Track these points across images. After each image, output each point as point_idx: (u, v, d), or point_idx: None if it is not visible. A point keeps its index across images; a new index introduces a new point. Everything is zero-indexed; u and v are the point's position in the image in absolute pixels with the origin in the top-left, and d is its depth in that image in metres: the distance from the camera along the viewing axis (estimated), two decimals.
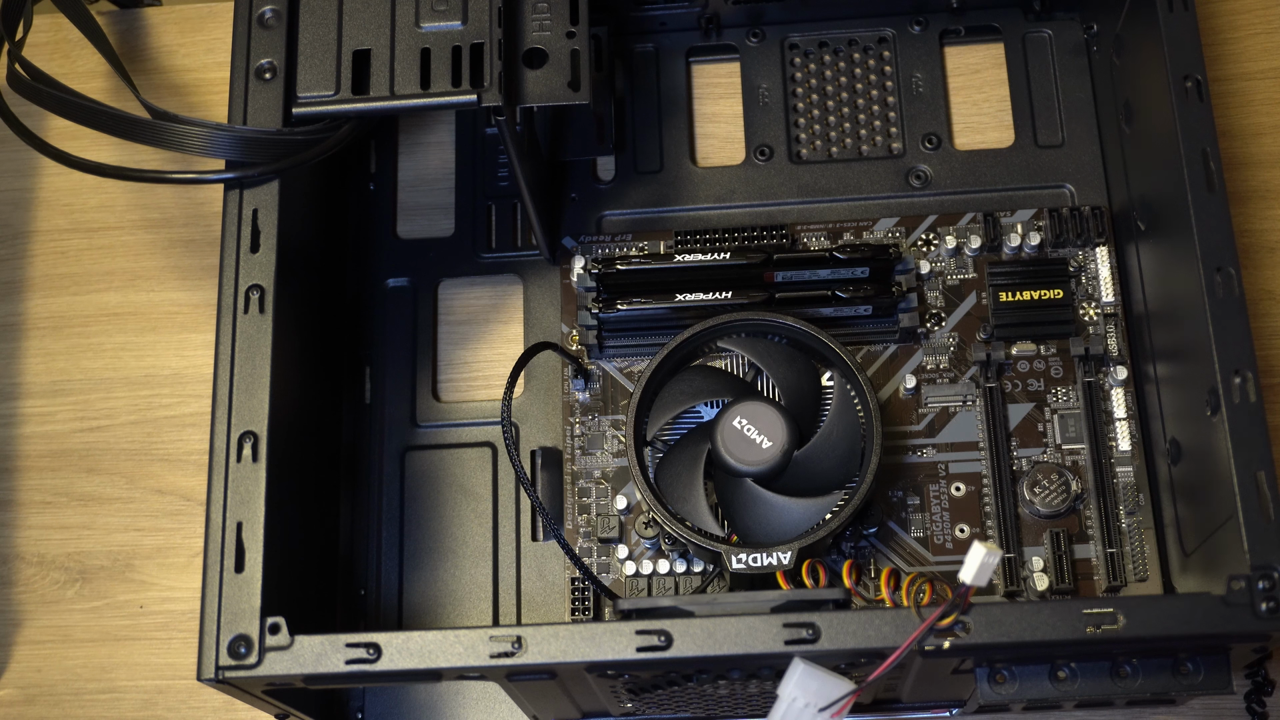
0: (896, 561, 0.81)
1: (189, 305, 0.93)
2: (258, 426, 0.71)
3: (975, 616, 0.65)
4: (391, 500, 0.86)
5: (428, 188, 0.93)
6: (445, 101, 0.76)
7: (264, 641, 0.67)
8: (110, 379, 0.92)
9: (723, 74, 0.94)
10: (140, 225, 0.95)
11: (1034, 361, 0.84)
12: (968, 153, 0.90)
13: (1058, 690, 0.68)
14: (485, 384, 0.89)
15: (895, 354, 0.85)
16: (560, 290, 0.88)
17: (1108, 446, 0.82)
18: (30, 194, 0.97)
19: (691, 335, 0.81)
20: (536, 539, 0.85)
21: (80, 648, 0.87)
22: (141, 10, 1.00)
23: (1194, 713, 0.81)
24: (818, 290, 0.83)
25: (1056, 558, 0.80)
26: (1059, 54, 0.91)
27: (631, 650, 0.66)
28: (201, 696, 0.85)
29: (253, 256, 0.74)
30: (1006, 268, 0.86)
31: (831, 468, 0.78)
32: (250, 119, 0.76)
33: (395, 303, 0.90)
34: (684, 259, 0.84)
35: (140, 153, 0.82)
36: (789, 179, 0.90)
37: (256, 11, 0.78)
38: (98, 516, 0.89)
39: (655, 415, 0.80)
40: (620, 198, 0.90)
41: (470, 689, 0.82)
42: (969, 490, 0.82)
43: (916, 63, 0.92)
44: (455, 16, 0.77)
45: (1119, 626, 0.64)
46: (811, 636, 0.65)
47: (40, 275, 0.95)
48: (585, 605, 0.82)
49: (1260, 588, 0.65)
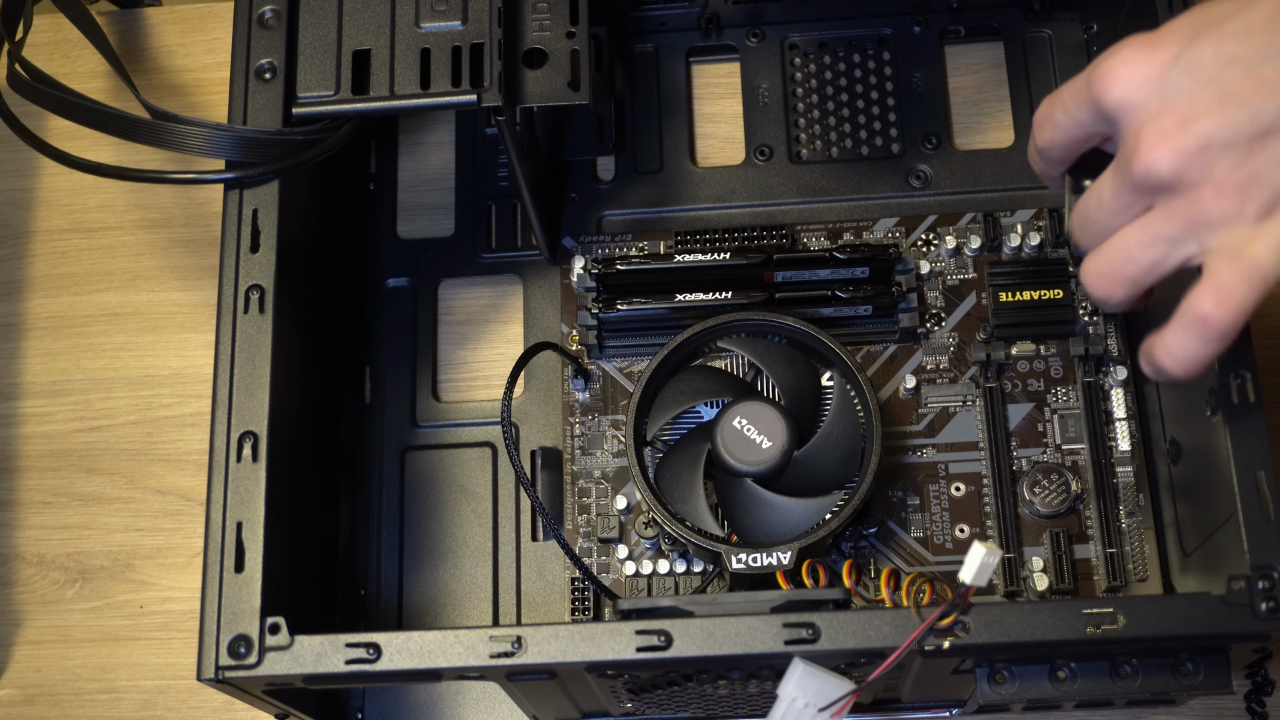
0: (896, 561, 0.81)
1: (189, 305, 0.93)
2: (258, 426, 0.71)
3: (975, 616, 0.65)
4: (391, 500, 0.86)
5: (428, 188, 0.93)
6: (445, 101, 0.76)
7: (264, 641, 0.67)
8: (110, 379, 0.92)
9: (723, 74, 0.94)
10: (140, 225, 0.95)
11: (1034, 361, 0.84)
12: (968, 153, 0.90)
13: (1058, 690, 0.68)
14: (485, 384, 0.89)
15: (895, 354, 0.85)
16: (560, 290, 0.88)
17: (1108, 446, 0.82)
18: (30, 194, 0.97)
19: (691, 335, 0.81)
20: (536, 539, 0.85)
21: (80, 648, 0.87)
22: (141, 10, 1.00)
23: (1194, 713, 0.81)
24: (818, 290, 0.83)
25: (1056, 558, 0.80)
26: (1059, 54, 0.91)
27: (631, 650, 0.66)
28: (201, 696, 0.85)
29: (253, 256, 0.74)
30: (1006, 268, 0.86)
31: (831, 468, 0.78)
32: (250, 119, 0.76)
33: (395, 303, 0.90)
34: (684, 259, 0.84)
35: (140, 153, 0.82)
36: (789, 179, 0.90)
37: (256, 11, 0.78)
38: (98, 516, 0.89)
39: (655, 415, 0.80)
40: (620, 198, 0.90)
41: (470, 689, 0.82)
42: (969, 490, 0.82)
43: (916, 63, 0.92)
44: (455, 16, 0.77)
45: (1119, 626, 0.64)
46: (811, 636, 0.65)
47: (40, 275, 0.95)
48: (585, 605, 0.82)
49: (1260, 588, 0.65)
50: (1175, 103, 0.59)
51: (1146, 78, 0.60)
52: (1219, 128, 0.58)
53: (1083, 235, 0.66)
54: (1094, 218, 0.65)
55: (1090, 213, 0.65)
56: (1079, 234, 0.67)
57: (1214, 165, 0.58)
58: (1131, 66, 0.60)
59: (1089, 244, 0.66)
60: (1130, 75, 0.60)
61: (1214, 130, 0.58)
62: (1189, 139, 0.58)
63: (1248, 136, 0.57)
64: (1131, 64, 0.60)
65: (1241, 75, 0.57)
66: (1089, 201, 0.65)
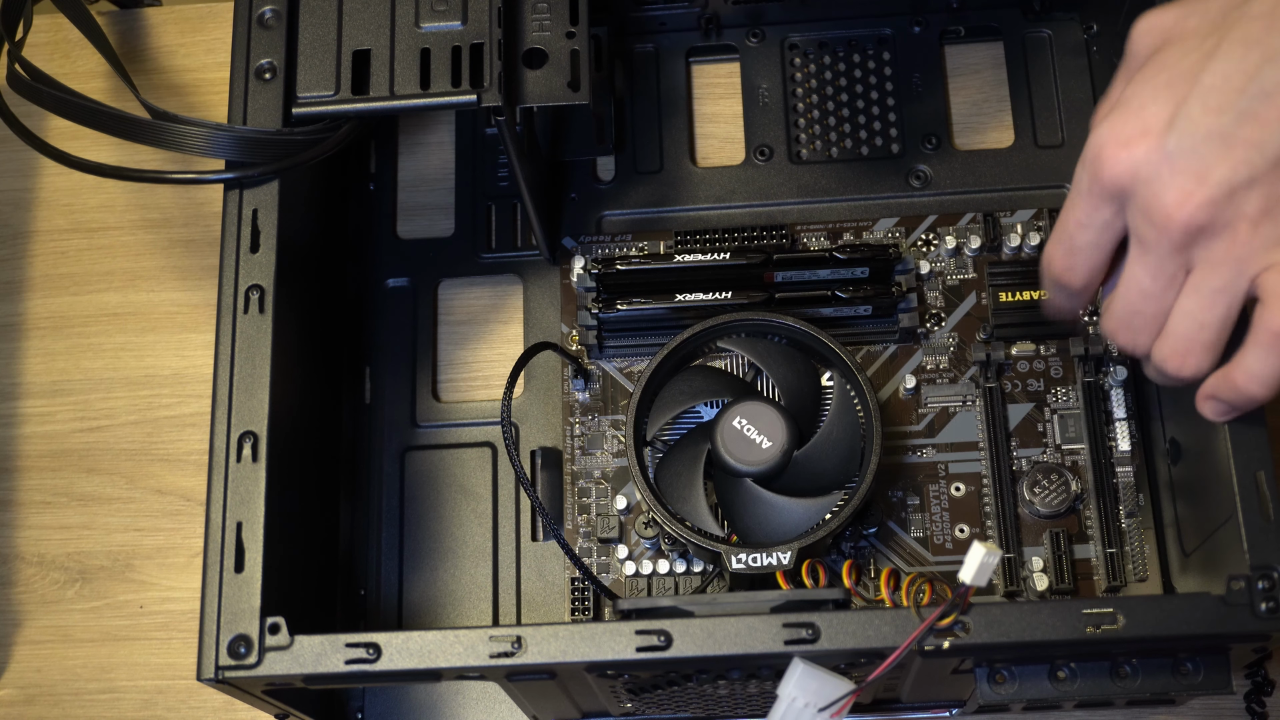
0: (896, 561, 0.81)
1: (189, 305, 0.93)
2: (258, 426, 0.71)
3: (975, 616, 0.65)
4: (391, 500, 0.86)
5: (428, 188, 0.93)
6: (445, 101, 0.76)
7: (264, 641, 0.67)
8: (110, 379, 0.92)
9: (723, 74, 0.94)
10: (140, 225, 0.95)
11: (1034, 361, 0.84)
12: (968, 153, 0.90)
13: (1057, 690, 0.68)
14: (485, 384, 0.89)
15: (895, 354, 0.85)
16: (560, 290, 0.88)
17: (1108, 446, 0.82)
18: (30, 194, 0.97)
19: (691, 335, 0.81)
20: (536, 539, 0.85)
21: (80, 648, 0.87)
22: (141, 10, 1.00)
23: (1194, 713, 0.81)
24: (818, 290, 0.83)
25: (1056, 558, 0.80)
26: (1059, 54, 0.91)
27: (631, 650, 0.66)
28: (201, 696, 0.85)
29: (253, 256, 0.74)
30: (1006, 268, 0.86)
31: (831, 468, 0.78)
32: (250, 119, 0.76)
33: (395, 303, 0.90)
34: (684, 259, 0.84)
35: (140, 153, 0.82)
36: (789, 179, 0.90)
37: (256, 11, 0.78)
38: (98, 516, 0.89)
39: (655, 415, 0.80)
40: (620, 198, 0.90)
41: (470, 689, 0.82)
42: (969, 490, 0.82)
43: (916, 63, 0.92)
44: (455, 17, 0.77)
45: (1119, 626, 0.64)
46: (811, 636, 0.65)
47: (40, 275, 0.95)
48: (585, 605, 0.82)
49: (1260, 588, 0.65)
50: (1186, 164, 0.60)
51: (1149, 150, 0.61)
52: (1235, 171, 0.59)
53: (1136, 335, 0.65)
54: (1142, 309, 0.64)
55: (1136, 306, 0.64)
56: (1130, 336, 0.66)
57: (1242, 204, 0.60)
58: (1130, 147, 0.61)
59: (1146, 338, 0.65)
60: (1131, 156, 0.61)
61: (1231, 174, 0.59)
62: (1213, 189, 0.60)
63: (1264, 170, 0.59)
64: (1129, 145, 0.61)
65: (1237, 121, 0.59)
66: (1130, 297, 0.64)
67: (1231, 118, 0.59)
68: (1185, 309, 0.63)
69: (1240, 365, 0.63)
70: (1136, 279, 0.64)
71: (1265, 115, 0.59)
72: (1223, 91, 0.59)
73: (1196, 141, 0.60)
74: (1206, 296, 0.62)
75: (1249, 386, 0.63)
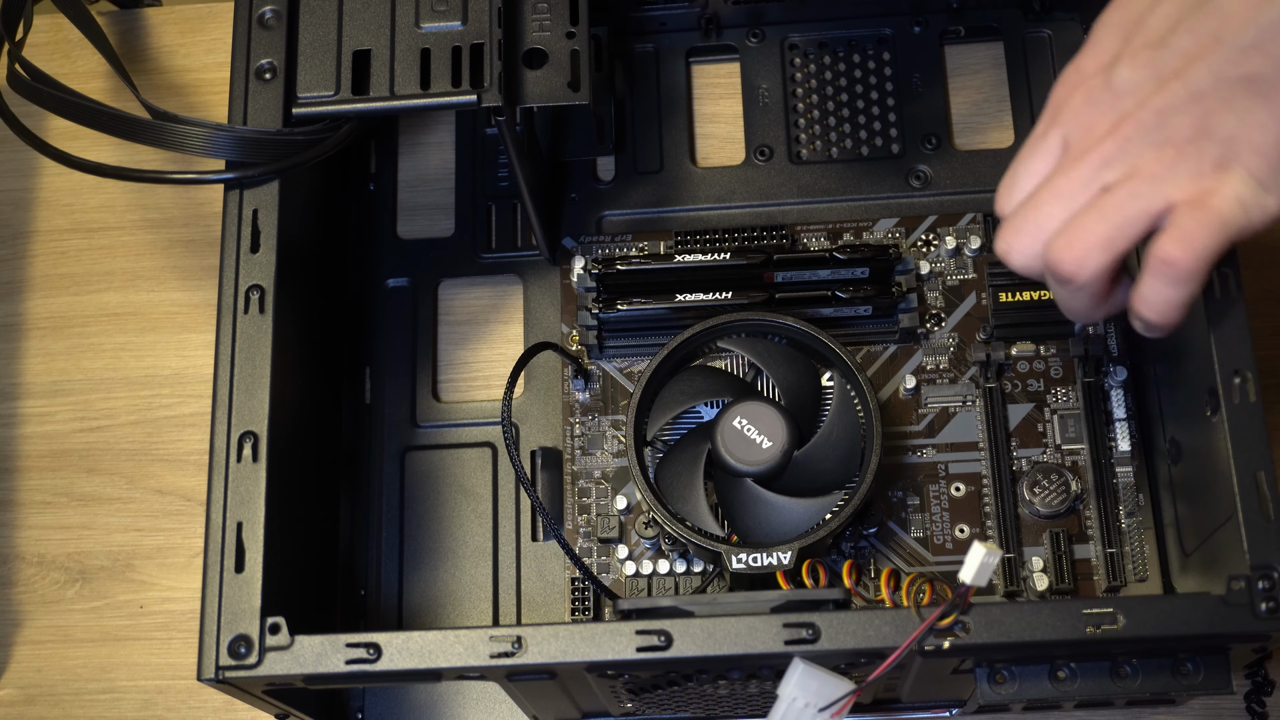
0: (896, 561, 0.81)
1: (189, 305, 0.93)
2: (258, 426, 0.71)
3: (975, 616, 0.65)
4: (391, 500, 0.86)
5: (428, 188, 0.93)
6: (445, 102, 0.76)
7: (264, 641, 0.67)
8: (110, 379, 0.92)
9: (723, 74, 0.94)
10: (140, 225, 0.95)
11: (1034, 362, 0.84)
12: (968, 153, 0.90)
13: (1057, 690, 0.68)
14: (485, 384, 0.89)
15: (895, 354, 0.85)
16: (560, 290, 0.88)
17: (1107, 447, 0.82)
18: (30, 194, 0.97)
19: (691, 335, 0.81)
20: (536, 539, 0.85)
21: (80, 648, 0.87)
22: (141, 10, 1.00)
23: (1194, 713, 0.81)
24: (818, 290, 0.83)
25: (1056, 558, 0.80)
26: (1059, 54, 0.91)
27: (631, 650, 0.66)
28: (201, 696, 0.85)
29: (253, 256, 0.74)
30: (1006, 268, 0.85)
31: (831, 468, 0.78)
32: (250, 119, 0.76)
33: (395, 303, 0.90)
34: (684, 259, 0.84)
35: (140, 153, 0.82)
36: (789, 179, 0.90)
37: (256, 11, 0.78)
38: (98, 516, 0.89)
39: (655, 415, 0.80)
40: (620, 198, 0.90)
41: (470, 689, 0.82)
42: (969, 490, 0.82)
43: (916, 63, 0.92)
44: (455, 17, 0.77)
45: (1119, 626, 0.64)
46: (811, 636, 0.65)
47: (40, 275, 0.95)
48: (585, 605, 0.82)
49: (1260, 588, 0.65)
50: (1126, 90, 0.65)
51: (1099, 81, 0.66)
52: (1169, 98, 0.63)
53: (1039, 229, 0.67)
54: (1052, 209, 0.66)
55: (1046, 206, 0.66)
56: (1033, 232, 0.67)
57: (1173, 130, 0.63)
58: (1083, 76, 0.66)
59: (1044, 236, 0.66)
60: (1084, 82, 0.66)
61: (1165, 101, 0.63)
62: (1148, 112, 0.64)
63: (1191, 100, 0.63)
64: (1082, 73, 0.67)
65: (1173, 55, 0.63)
66: (1043, 196, 0.66)
67: (1168, 53, 0.63)
68: (1096, 206, 0.65)
69: (1138, 293, 0.65)
70: (1054, 184, 0.66)
71: (1189, 50, 0.63)
72: (1160, 30, 0.64)
73: (1137, 73, 0.64)
74: (1118, 199, 0.64)
75: (1143, 310, 0.65)
